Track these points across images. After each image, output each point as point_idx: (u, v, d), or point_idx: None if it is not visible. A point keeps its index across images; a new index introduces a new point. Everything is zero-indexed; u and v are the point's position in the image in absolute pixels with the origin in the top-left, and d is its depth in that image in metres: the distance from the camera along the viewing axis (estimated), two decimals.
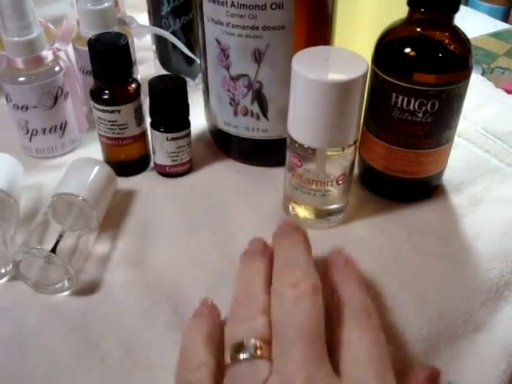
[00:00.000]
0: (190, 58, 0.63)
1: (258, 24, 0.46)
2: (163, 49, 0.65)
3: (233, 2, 0.46)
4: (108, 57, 0.49)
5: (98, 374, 0.39)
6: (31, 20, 0.52)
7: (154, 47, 0.66)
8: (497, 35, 0.90)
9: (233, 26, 0.47)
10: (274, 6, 0.46)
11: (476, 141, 0.61)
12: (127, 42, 0.49)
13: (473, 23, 0.95)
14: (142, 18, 0.69)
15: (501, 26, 0.96)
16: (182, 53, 0.62)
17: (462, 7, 1.01)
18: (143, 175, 0.56)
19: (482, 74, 0.78)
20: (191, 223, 0.50)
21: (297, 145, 0.45)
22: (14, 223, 0.48)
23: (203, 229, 0.50)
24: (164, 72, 0.66)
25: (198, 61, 0.62)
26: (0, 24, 0.54)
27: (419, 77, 0.45)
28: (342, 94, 0.42)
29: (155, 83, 0.51)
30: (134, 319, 0.42)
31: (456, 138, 0.60)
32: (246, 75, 0.50)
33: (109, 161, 0.54)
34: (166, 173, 0.55)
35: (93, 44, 0.49)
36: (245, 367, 0.33)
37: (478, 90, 0.70)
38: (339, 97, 0.42)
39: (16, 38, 0.52)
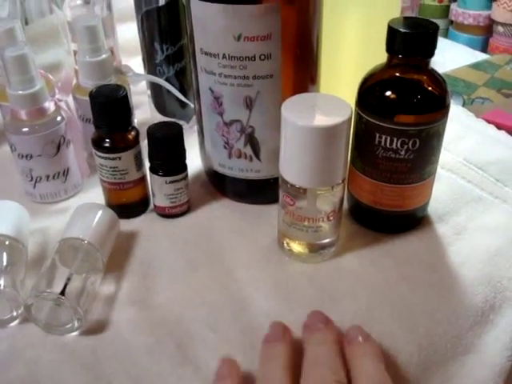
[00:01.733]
0: (184, 102, 0.66)
1: (248, 74, 0.50)
2: (158, 94, 0.68)
3: (224, 54, 0.49)
4: (108, 108, 0.52)
5: None
6: (33, 74, 0.55)
7: (149, 92, 0.69)
8: (476, 66, 0.93)
9: (225, 76, 0.50)
10: (262, 57, 0.49)
11: (458, 171, 0.64)
12: (126, 93, 0.52)
13: (453, 55, 0.99)
14: (136, 61, 0.72)
15: (480, 56, 1.00)
16: (176, 97, 0.65)
17: (442, 39, 1.06)
18: (144, 217, 0.59)
19: (463, 105, 0.81)
20: (191, 261, 0.53)
21: (288, 185, 0.48)
22: (23, 267, 0.50)
23: (203, 266, 0.52)
24: (159, 115, 0.69)
25: (192, 105, 0.66)
26: (4, 78, 0.58)
27: (400, 118, 0.48)
28: (328, 137, 0.45)
29: (153, 130, 0.54)
30: (141, 355, 0.45)
31: (439, 170, 0.63)
32: (238, 120, 0.53)
33: (111, 204, 0.57)
34: (165, 214, 0.58)
35: (94, 96, 0.52)
36: None
37: (459, 122, 0.73)
38: (325, 140, 0.45)
39: (20, 92, 0.55)
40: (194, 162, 0.62)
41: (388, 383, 0.38)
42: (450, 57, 0.98)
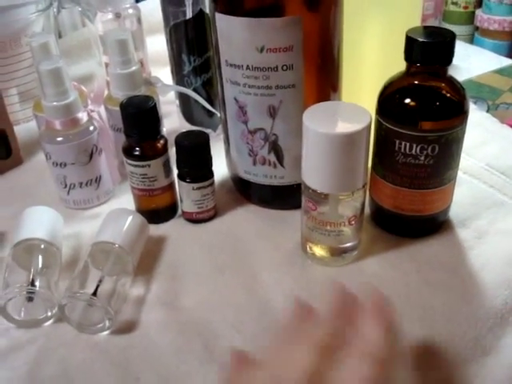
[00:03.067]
0: (211, 111, 0.68)
1: (271, 84, 0.52)
2: (186, 104, 0.70)
3: (248, 66, 0.51)
4: (138, 118, 0.55)
5: None
6: (67, 86, 0.58)
7: (177, 102, 0.72)
8: (501, 71, 0.93)
9: (249, 87, 0.52)
10: (284, 68, 0.51)
11: (480, 176, 0.65)
12: (155, 104, 0.55)
13: (478, 61, 0.99)
14: (165, 72, 0.75)
15: (505, 61, 0.99)
16: (203, 107, 0.68)
17: (468, 45, 1.07)
18: (172, 222, 0.61)
19: (488, 111, 0.81)
20: (218, 265, 0.55)
21: (310, 190, 0.50)
22: (57, 270, 0.53)
23: (229, 270, 0.54)
24: (187, 124, 0.71)
25: (219, 114, 0.68)
26: (39, 90, 0.60)
27: (419, 124, 0.50)
28: (348, 144, 0.46)
29: (181, 139, 0.56)
30: (169, 355, 0.47)
31: (461, 175, 0.64)
32: (262, 129, 0.55)
33: (140, 210, 0.59)
34: (192, 219, 0.60)
35: (125, 107, 0.55)
36: None
37: (483, 127, 0.74)
38: (345, 147, 0.46)
39: (54, 103, 0.58)
40: (221, 168, 0.64)
41: (384, 354, 0.36)
42: (476, 63, 0.98)
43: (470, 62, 0.98)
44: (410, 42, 0.49)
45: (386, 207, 0.55)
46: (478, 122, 0.75)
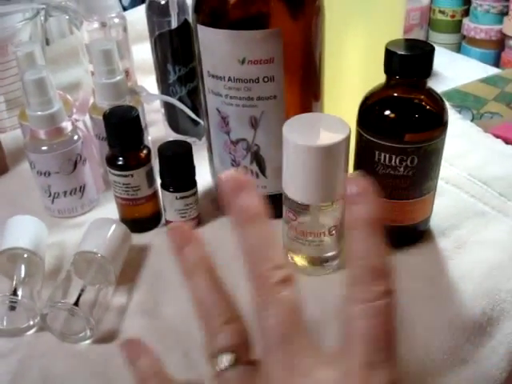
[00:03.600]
0: (196, 120, 0.69)
1: (252, 95, 0.52)
2: (171, 112, 0.71)
3: (230, 77, 0.52)
4: (121, 128, 0.55)
5: None
6: (51, 95, 0.58)
7: (162, 110, 0.72)
8: (487, 80, 0.94)
9: (231, 98, 0.53)
10: (265, 79, 0.51)
11: (462, 186, 0.65)
12: (138, 114, 0.55)
13: (464, 70, 1.00)
14: (152, 80, 0.75)
15: (491, 70, 1.00)
16: (189, 116, 0.68)
17: (454, 54, 1.07)
18: (156, 231, 0.61)
19: (472, 120, 0.82)
20: None
21: (291, 201, 0.50)
22: (40, 279, 0.53)
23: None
24: (173, 133, 0.72)
25: (203, 123, 0.68)
26: (24, 99, 0.61)
27: (398, 136, 0.50)
28: (327, 156, 0.47)
29: (164, 149, 0.56)
30: None
31: (443, 184, 0.65)
32: (244, 139, 0.55)
33: (124, 219, 0.60)
34: None
35: (107, 117, 0.55)
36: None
37: (467, 137, 0.75)
38: (324, 159, 0.47)
39: (39, 113, 0.58)
40: (205, 177, 0.65)
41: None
42: (462, 71, 0.99)
43: (455, 71, 0.99)
44: (389, 54, 0.50)
45: None
46: (462, 131, 0.76)
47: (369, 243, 0.33)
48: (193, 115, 0.67)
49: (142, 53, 0.83)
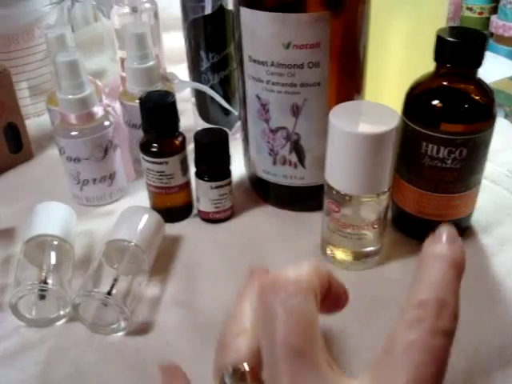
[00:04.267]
0: (227, 109, 0.67)
1: (295, 81, 0.50)
2: (202, 101, 0.69)
3: (273, 62, 0.50)
4: (157, 113, 0.53)
5: None
6: (83, 79, 0.56)
7: (193, 99, 0.70)
8: None
9: (272, 84, 0.51)
10: (310, 65, 0.49)
11: (501, 183, 0.64)
12: (174, 99, 0.53)
13: (493, 67, 0.98)
14: (179, 69, 0.74)
15: None
16: (220, 105, 0.66)
17: None
18: (187, 221, 0.60)
19: (505, 117, 0.80)
20: (235, 266, 0.53)
21: (334, 191, 0.48)
22: (71, 267, 0.51)
23: (246, 271, 0.53)
24: (202, 122, 0.70)
25: (236, 113, 0.66)
26: (54, 83, 0.59)
27: (447, 127, 0.48)
28: (376, 145, 0.45)
29: (200, 136, 0.55)
30: (186, 357, 0.45)
31: (483, 181, 0.63)
32: (284, 128, 0.53)
33: (156, 208, 0.58)
34: (209, 219, 0.58)
35: (144, 102, 0.53)
36: None
37: (502, 134, 0.73)
38: (373, 148, 0.45)
39: (70, 96, 0.56)
40: (236, 169, 0.63)
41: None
42: (491, 69, 0.96)
43: (484, 68, 0.97)
44: (440, 41, 0.48)
45: (409, 211, 0.54)
46: (497, 128, 0.74)
47: (447, 280, 0.29)
48: (225, 104, 0.65)
49: (170, 41, 0.81)
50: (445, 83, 0.49)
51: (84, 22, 0.92)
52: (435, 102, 0.49)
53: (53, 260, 0.50)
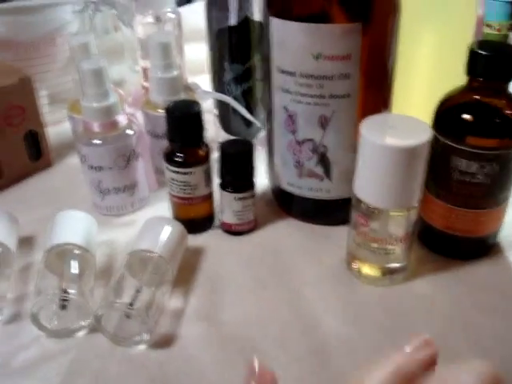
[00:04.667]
0: (249, 120, 0.66)
1: (324, 93, 0.50)
2: (224, 112, 0.68)
3: (302, 73, 0.49)
4: (184, 123, 0.53)
5: None
6: (108, 87, 0.56)
7: (215, 111, 0.70)
8: None
9: (301, 95, 0.50)
10: (340, 77, 0.49)
11: None
12: (201, 109, 0.53)
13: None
14: (199, 80, 0.73)
15: None
16: (242, 116, 0.66)
17: None
18: (209, 233, 0.59)
19: None
20: (258, 279, 0.53)
21: (363, 205, 0.48)
22: (92, 277, 0.50)
23: (270, 284, 0.52)
24: (224, 134, 0.69)
25: (259, 124, 0.66)
26: (77, 91, 0.59)
27: (478, 141, 0.48)
28: (409, 158, 0.44)
29: (226, 147, 0.54)
30: (210, 372, 0.44)
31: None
32: (311, 140, 0.53)
33: (178, 219, 0.57)
34: (231, 231, 0.58)
35: (170, 111, 0.53)
36: None
37: None
38: (405, 161, 0.44)
39: (94, 104, 0.56)
40: (258, 181, 0.62)
41: None
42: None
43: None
44: (473, 55, 0.47)
45: (437, 227, 0.53)
46: None
47: None
48: (248, 115, 0.64)
49: (189, 53, 0.81)
50: (476, 97, 0.48)
51: (103, 31, 0.92)
52: (466, 117, 0.48)
53: (74, 269, 0.50)
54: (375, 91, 0.53)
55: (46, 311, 0.47)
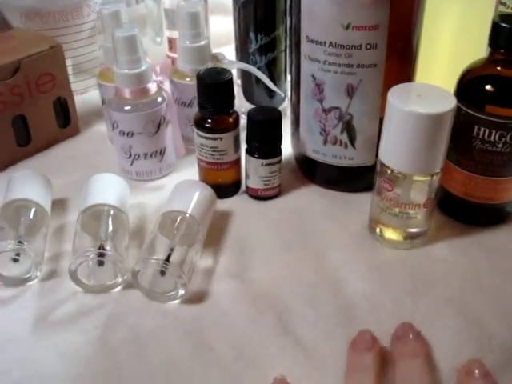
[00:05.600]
0: (272, 91, 0.68)
1: (352, 62, 0.52)
2: (247, 83, 0.70)
3: (331, 43, 0.51)
4: (215, 90, 0.54)
5: (215, 374, 0.43)
6: (140, 54, 0.58)
7: (238, 81, 0.71)
8: None
9: (329, 64, 0.52)
10: (368, 47, 0.51)
11: None
12: (231, 77, 0.55)
13: None
14: (223, 51, 0.74)
15: None
16: (265, 86, 0.67)
17: None
18: (236, 198, 0.61)
19: None
20: (285, 241, 0.55)
21: (388, 170, 0.50)
22: (127, 237, 0.52)
23: (295, 246, 0.54)
24: (247, 104, 0.71)
25: (282, 94, 0.67)
26: (108, 57, 0.60)
27: (499, 111, 0.49)
28: (434, 125, 0.46)
29: (254, 114, 0.56)
30: (242, 326, 0.46)
31: None
32: (337, 108, 0.54)
33: (206, 183, 0.59)
34: (257, 196, 0.60)
35: (202, 78, 0.54)
36: None
37: None
38: (431, 128, 0.46)
39: (126, 71, 0.57)
40: (283, 149, 0.64)
41: None
42: None
43: None
44: (496, 27, 0.49)
45: (456, 194, 0.55)
46: None
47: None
48: (272, 85, 0.66)
49: (214, 26, 0.82)
50: (498, 68, 0.50)
51: (125, 3, 0.93)
52: (488, 87, 0.50)
53: (110, 228, 0.52)
54: (400, 62, 0.54)
55: (83, 268, 0.49)
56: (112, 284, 0.50)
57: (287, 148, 0.64)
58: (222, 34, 0.76)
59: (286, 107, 0.72)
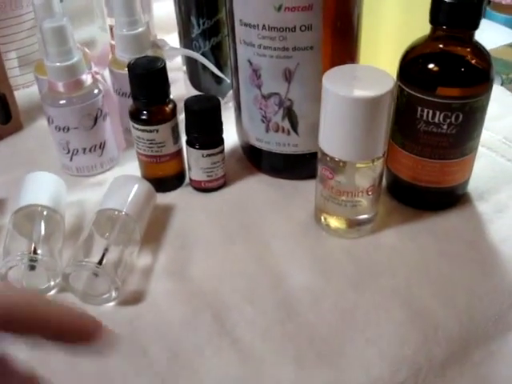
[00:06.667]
0: (219, 77, 0.66)
1: (288, 45, 0.49)
2: (193, 69, 0.68)
3: (264, 25, 0.49)
4: (147, 80, 0.52)
5: (146, 379, 0.41)
6: (71, 45, 0.55)
7: (184, 68, 0.69)
8: None
9: (264, 48, 0.50)
10: (303, 28, 0.48)
11: (498, 150, 0.63)
12: (164, 65, 0.52)
13: (491, 35, 0.96)
14: (170, 38, 0.72)
15: None
16: (212, 73, 0.65)
17: None
18: (179, 191, 0.59)
19: (502, 85, 0.79)
20: (228, 234, 0.53)
21: (328, 158, 0.48)
22: (61, 238, 0.50)
23: (240, 239, 0.52)
24: (194, 91, 0.68)
25: (228, 80, 0.65)
26: (42, 51, 0.57)
27: (443, 91, 0.47)
28: (371, 109, 0.44)
29: (191, 103, 0.53)
30: (178, 327, 0.45)
31: (479, 148, 0.62)
32: (277, 93, 0.52)
33: (147, 177, 0.57)
34: (201, 188, 0.57)
35: (132, 68, 0.52)
36: None
37: (498, 101, 0.72)
38: (368, 112, 0.44)
39: (58, 64, 0.55)
40: (229, 138, 0.61)
41: None
42: (488, 37, 0.95)
43: (481, 36, 0.95)
44: (436, 3, 0.46)
45: (404, 178, 0.53)
46: (494, 95, 0.73)
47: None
48: (217, 71, 0.63)
49: (159, 11, 0.79)
50: (441, 46, 0.48)
51: None
52: (431, 66, 0.48)
53: (42, 230, 0.50)
54: (340, 43, 0.52)
55: (15, 272, 0.47)
56: (45, 288, 0.48)
57: (233, 136, 0.62)
58: (168, 19, 0.73)
59: None
